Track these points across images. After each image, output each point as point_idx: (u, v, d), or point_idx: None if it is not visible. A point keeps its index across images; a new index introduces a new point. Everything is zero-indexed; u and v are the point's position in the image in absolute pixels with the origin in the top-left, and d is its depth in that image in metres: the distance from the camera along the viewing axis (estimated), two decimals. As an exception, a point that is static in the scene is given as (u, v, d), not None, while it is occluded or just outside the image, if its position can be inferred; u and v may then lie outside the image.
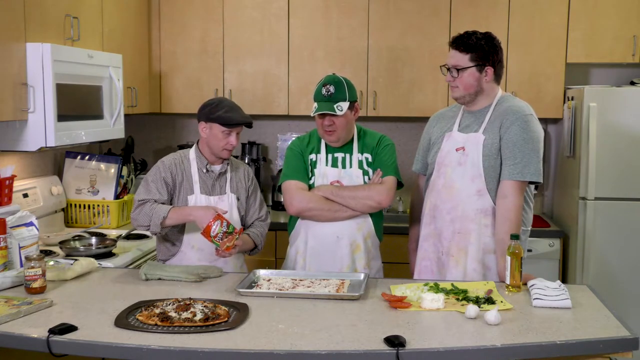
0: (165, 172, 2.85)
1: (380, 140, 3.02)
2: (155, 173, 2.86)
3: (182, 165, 2.88)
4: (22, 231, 2.73)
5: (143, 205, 2.78)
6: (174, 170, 2.87)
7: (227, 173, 2.94)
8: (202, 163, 2.89)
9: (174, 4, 4.46)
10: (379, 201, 2.91)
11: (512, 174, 2.67)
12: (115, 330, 2.08)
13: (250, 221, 3.02)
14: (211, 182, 2.90)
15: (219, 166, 2.91)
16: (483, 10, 4.24)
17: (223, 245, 2.65)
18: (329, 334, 2.05)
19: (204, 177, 2.89)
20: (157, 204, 2.78)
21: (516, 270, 2.49)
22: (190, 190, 2.87)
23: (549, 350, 2.00)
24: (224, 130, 2.80)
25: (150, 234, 2.86)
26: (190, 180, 2.87)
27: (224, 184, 2.93)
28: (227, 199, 2.91)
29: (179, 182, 2.87)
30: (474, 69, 2.74)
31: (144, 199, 2.79)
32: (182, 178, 2.87)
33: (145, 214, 2.76)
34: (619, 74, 4.54)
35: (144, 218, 2.76)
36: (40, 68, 2.99)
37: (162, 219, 2.72)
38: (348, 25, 4.35)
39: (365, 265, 2.95)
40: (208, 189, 2.89)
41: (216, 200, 2.89)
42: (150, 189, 2.82)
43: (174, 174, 2.86)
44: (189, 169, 2.89)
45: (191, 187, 2.87)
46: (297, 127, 4.82)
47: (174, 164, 2.88)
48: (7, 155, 3.40)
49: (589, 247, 3.97)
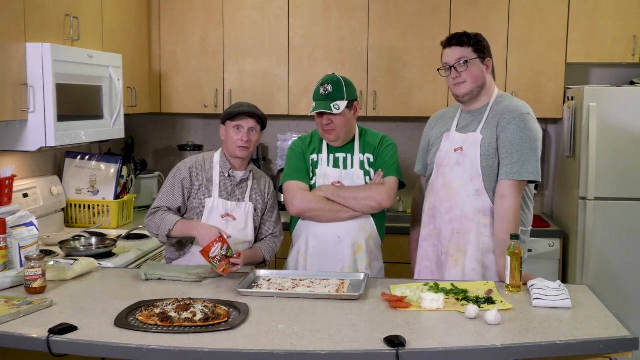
0: (185, 173, 2.88)
1: (382, 140, 3.02)
2: (175, 175, 2.90)
3: (204, 168, 2.90)
4: (22, 231, 2.73)
5: (155, 213, 2.85)
6: (194, 173, 2.89)
7: (248, 181, 2.95)
8: (225, 167, 2.90)
9: (174, 4, 4.46)
10: (380, 202, 2.91)
11: (509, 173, 2.67)
12: (115, 330, 2.08)
13: (264, 235, 3.02)
14: (231, 187, 2.91)
15: (241, 173, 2.93)
16: (483, 10, 4.24)
17: (220, 268, 2.64)
18: (329, 334, 2.05)
19: (225, 182, 2.90)
20: (168, 213, 2.83)
21: (516, 270, 2.49)
22: (209, 193, 2.87)
23: (549, 350, 2.00)
24: (234, 125, 2.84)
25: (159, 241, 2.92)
26: (210, 184, 2.88)
27: (244, 191, 2.94)
28: (244, 207, 2.92)
29: (197, 185, 2.88)
30: (478, 61, 2.77)
31: (157, 207, 2.86)
32: (201, 181, 2.88)
33: (155, 222, 2.84)
34: (619, 74, 4.54)
35: (153, 226, 2.85)
36: (40, 68, 2.99)
37: (167, 231, 2.78)
38: (348, 25, 4.35)
39: (367, 265, 2.94)
40: (227, 194, 2.90)
41: (233, 206, 2.89)
42: (166, 194, 2.87)
43: (194, 176, 2.88)
44: (211, 171, 2.90)
45: (210, 190, 2.88)
46: (297, 127, 4.82)
47: (195, 167, 2.90)
48: (7, 155, 3.40)
49: (589, 247, 3.97)
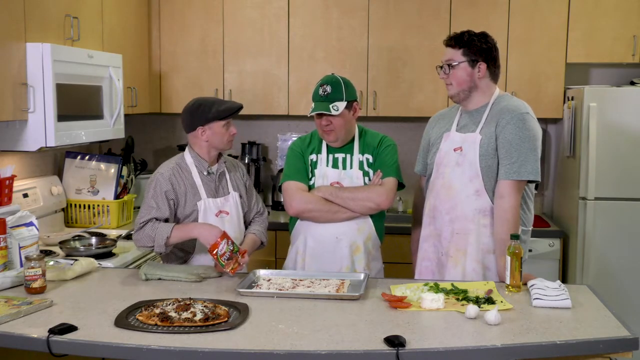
0: (167, 185, 2.79)
1: (382, 140, 3.02)
2: (155, 188, 2.79)
3: (183, 174, 2.83)
4: (22, 231, 2.73)
5: (144, 226, 2.74)
6: (175, 182, 2.81)
7: (225, 172, 2.95)
8: (202, 166, 2.86)
9: (174, 4, 4.46)
10: (379, 203, 2.91)
11: (508, 173, 2.66)
12: (115, 330, 2.08)
13: (251, 216, 3.03)
14: (214, 184, 2.88)
15: (215, 166, 2.90)
16: (483, 11, 4.24)
17: (228, 267, 2.64)
18: (329, 334, 2.05)
19: (206, 181, 2.87)
20: (159, 222, 2.74)
21: (516, 270, 2.49)
22: (197, 196, 2.83)
23: (549, 350, 2.00)
24: (224, 124, 2.81)
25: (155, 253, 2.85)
26: (194, 186, 2.83)
27: (226, 184, 2.93)
28: (231, 199, 2.91)
29: (182, 192, 2.81)
30: (466, 64, 2.74)
31: (145, 220, 2.75)
32: (184, 187, 2.82)
33: (147, 235, 2.73)
34: (619, 74, 4.54)
35: (146, 239, 2.74)
36: (40, 68, 2.99)
37: (165, 238, 2.71)
38: (348, 25, 4.35)
39: (365, 266, 2.94)
40: (213, 192, 2.87)
41: (223, 201, 2.88)
42: (150, 208, 2.76)
43: (175, 185, 2.80)
44: (190, 174, 2.85)
45: (197, 193, 2.83)
46: (297, 127, 4.82)
47: (174, 174, 2.82)
48: (7, 155, 3.40)
49: (589, 247, 3.97)
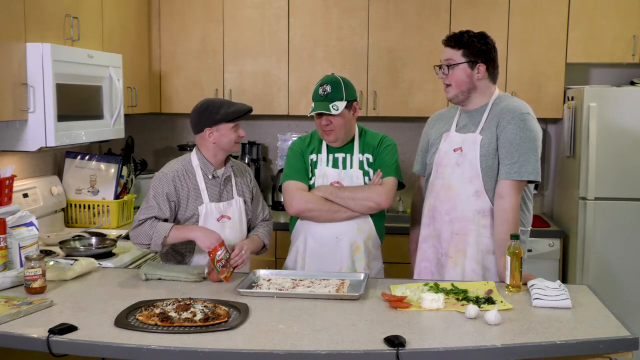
0: (169, 187, 2.77)
1: (382, 140, 3.02)
2: (157, 188, 2.77)
3: (187, 176, 2.81)
4: (22, 231, 2.73)
5: (143, 224, 2.73)
6: (178, 184, 2.78)
7: (232, 177, 2.91)
8: (207, 169, 2.83)
9: (174, 4, 4.46)
10: (378, 202, 2.91)
11: (509, 173, 2.66)
12: (115, 330, 2.08)
13: (256, 222, 3.01)
14: (218, 188, 2.85)
15: (221, 170, 2.87)
16: (483, 10, 4.24)
17: (222, 274, 2.63)
18: (329, 334, 2.05)
19: (211, 184, 2.84)
20: (158, 221, 2.73)
21: (516, 270, 2.49)
22: (199, 200, 2.80)
23: (549, 350, 2.00)
24: (232, 126, 2.78)
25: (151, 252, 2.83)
26: (197, 190, 2.81)
27: (231, 188, 2.90)
28: (235, 204, 2.88)
29: (184, 195, 2.79)
30: (465, 65, 2.73)
31: (144, 218, 2.74)
32: (187, 190, 2.79)
33: (144, 232, 2.72)
34: (619, 74, 4.54)
35: (143, 237, 2.73)
36: (40, 68, 2.99)
37: (163, 238, 2.70)
38: (348, 25, 4.35)
39: (365, 266, 2.94)
40: (216, 196, 2.85)
41: (226, 206, 2.85)
42: (150, 207, 2.75)
43: (178, 187, 2.78)
44: (194, 177, 2.82)
45: (199, 196, 2.81)
46: (297, 127, 4.82)
47: (177, 176, 2.79)
48: (7, 155, 3.40)
49: (589, 247, 3.97)
